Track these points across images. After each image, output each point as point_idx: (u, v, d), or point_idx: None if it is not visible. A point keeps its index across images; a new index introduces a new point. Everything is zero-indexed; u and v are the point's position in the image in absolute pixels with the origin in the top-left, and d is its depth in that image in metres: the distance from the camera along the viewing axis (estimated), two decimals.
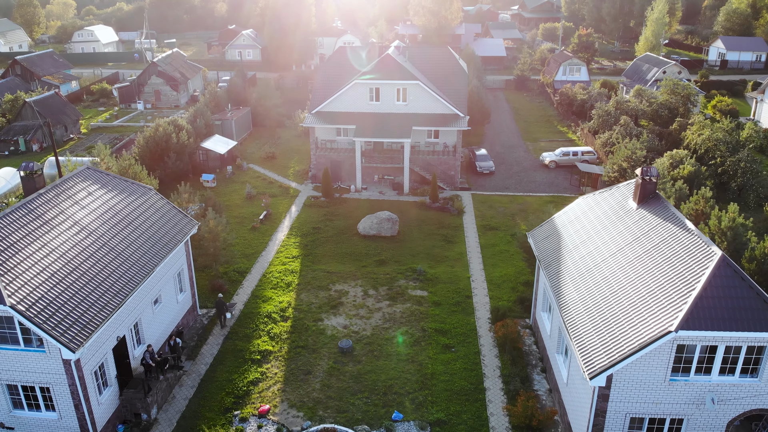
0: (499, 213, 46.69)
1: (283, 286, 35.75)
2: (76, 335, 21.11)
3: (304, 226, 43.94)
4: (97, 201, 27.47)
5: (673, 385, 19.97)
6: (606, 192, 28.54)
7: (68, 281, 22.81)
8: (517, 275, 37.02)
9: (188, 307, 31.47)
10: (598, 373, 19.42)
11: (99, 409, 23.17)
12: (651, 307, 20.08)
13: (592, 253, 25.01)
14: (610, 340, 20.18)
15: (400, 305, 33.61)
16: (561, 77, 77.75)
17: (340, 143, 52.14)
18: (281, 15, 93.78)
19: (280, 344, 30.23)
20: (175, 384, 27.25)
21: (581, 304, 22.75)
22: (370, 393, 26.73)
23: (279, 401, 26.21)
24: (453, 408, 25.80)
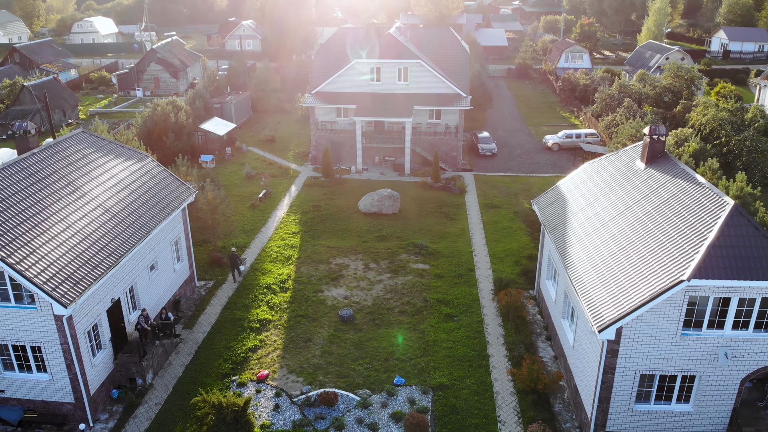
0: (501, 192, 46.06)
1: (283, 259, 35.11)
2: (68, 291, 20.49)
3: (304, 205, 43.32)
4: (92, 163, 26.87)
5: (685, 340, 19.32)
6: (612, 155, 27.92)
7: (61, 238, 22.19)
8: (520, 250, 36.39)
9: (186, 277, 30.84)
10: (607, 325, 18.77)
11: (92, 371, 22.53)
12: (661, 259, 19.45)
13: (599, 213, 24.39)
14: (619, 294, 19.54)
15: (402, 277, 32.97)
16: (563, 64, 77.14)
17: (340, 124, 51.52)
18: (282, 5, 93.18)
19: (279, 313, 29.60)
20: (172, 351, 26.61)
21: (588, 262, 22.12)
22: (371, 359, 26.09)
23: (278, 367, 25.57)
24: (456, 373, 25.16)
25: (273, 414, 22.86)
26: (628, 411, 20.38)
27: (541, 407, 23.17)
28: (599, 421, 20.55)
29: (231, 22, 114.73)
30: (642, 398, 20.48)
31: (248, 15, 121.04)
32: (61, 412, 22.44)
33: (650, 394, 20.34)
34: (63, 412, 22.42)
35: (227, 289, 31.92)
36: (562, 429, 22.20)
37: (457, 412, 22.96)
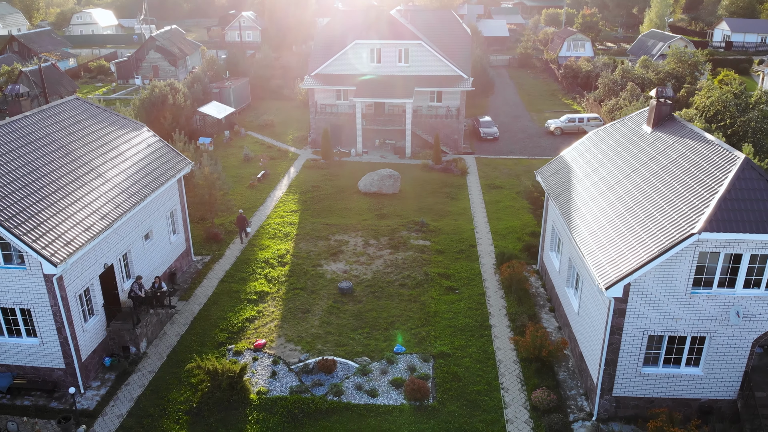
0: (503, 174, 45.43)
1: (281, 236, 34.50)
2: (58, 250, 19.88)
3: (303, 185, 42.70)
4: (85, 129, 26.27)
5: (695, 299, 18.68)
6: (617, 122, 27.30)
7: (52, 199, 21.59)
8: (522, 227, 35.75)
9: (182, 250, 30.23)
10: (615, 282, 18.14)
11: (84, 337, 21.92)
12: (670, 215, 18.83)
13: (605, 178, 23.77)
14: (627, 251, 18.92)
15: (402, 253, 32.34)
16: (565, 53, 76.54)
17: (340, 107, 50.90)
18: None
19: (277, 286, 28.98)
20: (167, 321, 26.00)
21: (594, 224, 21.50)
22: (370, 329, 25.47)
23: (275, 336, 24.95)
24: (457, 342, 24.54)
25: (270, 381, 22.23)
26: (635, 375, 19.74)
27: (545, 375, 22.54)
28: (606, 386, 19.91)
29: (231, 15, 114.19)
30: (650, 361, 19.85)
31: (249, 8, 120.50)
32: (51, 378, 21.83)
33: (659, 357, 19.70)
34: (53, 378, 21.81)
35: (224, 263, 31.31)
36: (567, 396, 21.57)
37: (458, 379, 22.34)
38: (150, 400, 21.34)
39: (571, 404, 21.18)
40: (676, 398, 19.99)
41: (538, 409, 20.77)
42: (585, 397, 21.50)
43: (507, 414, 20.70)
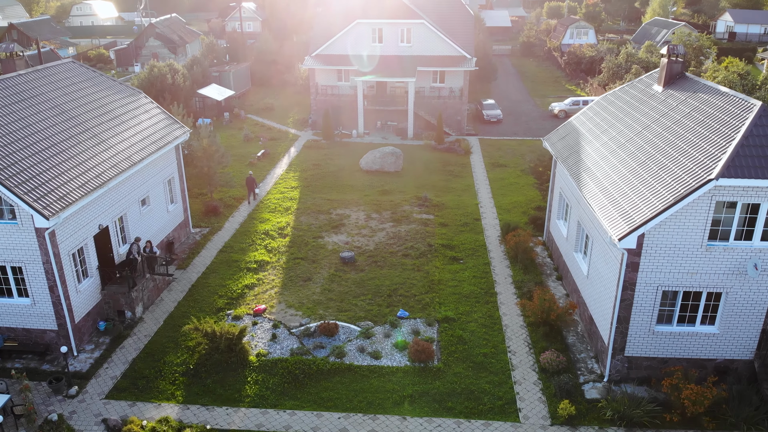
0: (507, 153, 44.74)
1: (282, 210, 33.81)
2: (51, 203, 19.20)
3: (304, 164, 42.03)
4: (81, 91, 25.62)
5: (711, 252, 17.97)
6: (626, 85, 26.61)
7: (45, 155, 20.91)
8: (528, 202, 35.05)
9: (180, 221, 29.54)
10: (628, 233, 17.43)
11: (77, 298, 21.22)
12: (685, 165, 18.12)
13: (615, 137, 23.07)
14: (640, 203, 18.21)
15: (405, 226, 31.64)
16: (568, 41, 75.86)
17: (341, 89, 50.21)
18: None
19: (278, 256, 28.29)
20: (164, 288, 25.31)
21: (606, 181, 20.79)
22: (373, 296, 24.77)
23: (276, 303, 24.25)
24: (462, 308, 23.83)
25: (269, 344, 21.53)
26: (648, 333, 19.02)
27: (554, 339, 21.83)
28: (617, 345, 19.19)
29: (231, 7, 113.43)
30: (664, 320, 19.13)
31: None
32: (43, 340, 21.13)
33: (673, 315, 18.98)
34: (45, 340, 21.11)
35: (223, 235, 30.62)
36: (577, 359, 20.86)
37: (464, 342, 21.63)
38: (145, 363, 20.64)
39: (581, 367, 20.46)
40: (691, 358, 19.26)
41: (546, 371, 20.06)
42: (595, 359, 20.78)
43: (515, 375, 19.99)
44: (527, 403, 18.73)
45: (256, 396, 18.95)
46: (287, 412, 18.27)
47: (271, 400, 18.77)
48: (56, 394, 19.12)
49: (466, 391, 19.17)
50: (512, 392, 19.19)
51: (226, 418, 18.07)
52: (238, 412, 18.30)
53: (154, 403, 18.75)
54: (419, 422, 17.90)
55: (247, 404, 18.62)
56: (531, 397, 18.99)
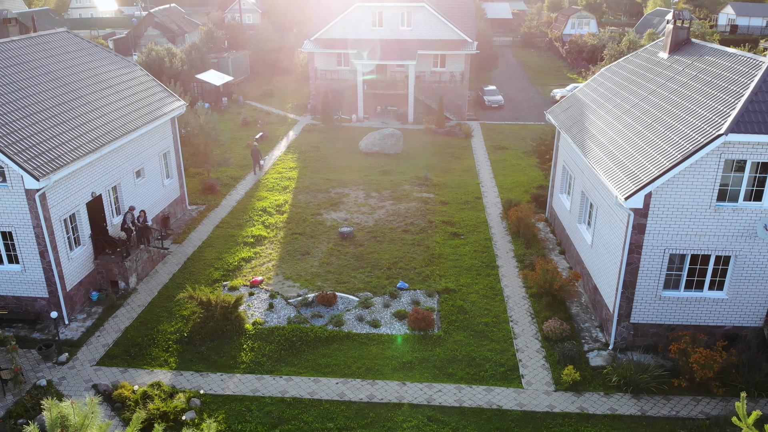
0: (509, 137, 44.25)
1: (280, 189, 33.31)
2: (41, 165, 18.70)
3: (302, 146, 41.53)
4: (75, 60, 25.13)
5: (720, 212, 17.45)
6: (631, 55, 26.10)
7: (37, 119, 20.41)
8: (529, 182, 34.55)
9: (176, 196, 29.03)
10: (635, 191, 16.91)
11: (69, 265, 20.72)
12: (693, 124, 17.61)
13: (620, 104, 22.57)
14: (647, 162, 17.71)
15: (405, 204, 31.13)
16: (569, 31, 75.34)
17: (341, 73, 49.71)
18: None
19: (275, 231, 27.78)
20: (159, 261, 24.81)
21: (611, 145, 20.28)
22: (372, 268, 24.26)
23: (273, 275, 23.75)
24: (463, 280, 23.33)
25: (266, 313, 21.02)
26: (655, 298, 18.50)
27: (557, 309, 21.31)
28: (623, 311, 18.67)
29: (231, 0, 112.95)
30: (671, 285, 18.62)
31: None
32: (33, 309, 20.62)
33: (680, 280, 18.47)
34: (36, 308, 20.60)
35: (220, 211, 30.12)
36: (581, 328, 20.35)
37: (464, 312, 21.12)
38: (138, 331, 20.13)
39: (586, 336, 19.95)
40: (699, 325, 18.74)
41: (550, 339, 19.55)
42: (600, 328, 20.27)
43: (517, 344, 19.48)
44: (530, 370, 18.22)
45: (251, 362, 18.44)
46: (283, 378, 17.77)
47: (267, 367, 18.26)
48: (46, 361, 18.62)
49: (467, 358, 18.66)
50: (514, 359, 18.68)
51: (220, 384, 17.56)
52: (233, 378, 17.80)
53: (147, 370, 18.24)
54: (419, 387, 17.40)
55: (242, 370, 18.12)
56: (534, 364, 18.48)
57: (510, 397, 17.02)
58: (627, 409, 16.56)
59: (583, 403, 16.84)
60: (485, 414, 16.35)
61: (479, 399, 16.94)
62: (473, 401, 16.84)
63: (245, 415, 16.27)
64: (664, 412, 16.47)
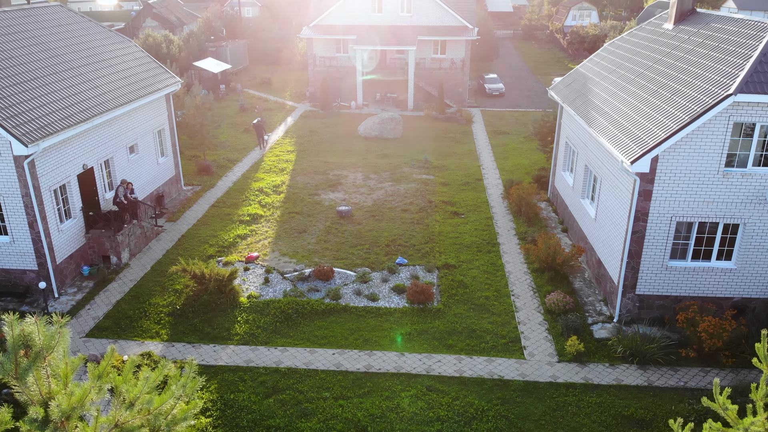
0: (510, 123, 43.72)
1: (277, 170, 32.78)
2: (30, 131, 18.17)
3: (300, 131, 41.00)
4: (68, 32, 24.60)
5: (728, 178, 16.92)
6: (634, 29, 25.57)
7: (27, 87, 19.88)
8: (531, 165, 34.02)
9: (171, 176, 28.49)
10: (641, 155, 16.38)
11: (59, 237, 20.19)
12: (701, 86, 17.08)
13: (625, 75, 22.04)
14: (653, 127, 17.18)
15: (404, 185, 30.60)
16: (570, 22, 74.81)
17: (340, 60, 49.16)
18: None
19: (272, 210, 27.25)
20: (152, 237, 24.28)
21: (615, 114, 19.75)
22: (371, 246, 23.73)
23: (269, 251, 23.21)
24: (463, 257, 22.79)
25: (262, 287, 20.49)
26: (661, 269, 17.96)
27: (559, 283, 20.77)
28: (629, 282, 18.12)
29: None
30: (678, 255, 18.08)
31: None
32: (22, 282, 20.07)
33: (687, 250, 17.93)
34: (25, 281, 20.05)
35: (216, 192, 29.58)
36: (585, 302, 19.81)
37: (464, 286, 20.59)
38: (130, 304, 19.60)
39: (589, 309, 19.42)
40: (706, 297, 18.20)
41: (552, 312, 19.01)
42: (604, 302, 19.73)
43: (518, 316, 18.94)
44: (532, 342, 17.68)
45: (245, 334, 17.91)
46: (278, 349, 17.24)
47: (261, 338, 17.73)
48: None
49: (468, 330, 18.13)
50: (516, 332, 18.14)
51: (212, 355, 17.03)
52: (226, 349, 17.26)
53: (137, 341, 17.71)
54: (418, 358, 16.87)
55: (235, 342, 17.58)
56: (536, 336, 17.94)
57: (512, 368, 16.49)
58: (633, 380, 16.02)
59: (587, 373, 16.30)
60: (486, 384, 15.82)
61: (480, 369, 16.40)
62: (474, 371, 16.31)
63: (238, 385, 15.74)
64: (672, 383, 15.94)
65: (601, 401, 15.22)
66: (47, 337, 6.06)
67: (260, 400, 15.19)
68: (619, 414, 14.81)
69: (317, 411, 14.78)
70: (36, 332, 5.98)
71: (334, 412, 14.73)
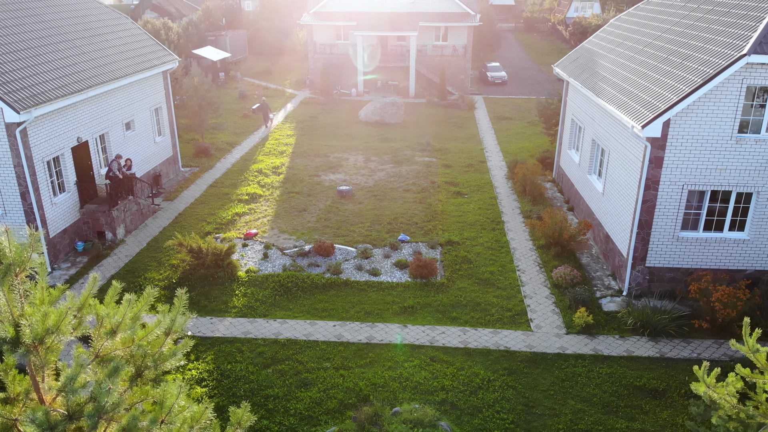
0: (513, 109, 43.19)
1: (277, 153, 32.25)
2: (23, 99, 17.64)
3: (300, 116, 40.47)
4: (64, 6, 24.06)
5: (741, 144, 16.39)
6: (641, 4, 25.03)
7: (21, 56, 19.35)
8: (535, 148, 33.47)
9: (168, 156, 27.97)
10: (653, 118, 15.84)
11: (52, 211, 19.66)
12: (712, 50, 16.53)
13: (633, 46, 21.50)
14: (663, 91, 16.64)
15: (406, 167, 30.06)
16: (573, 14, 74.24)
17: (340, 47, 48.64)
18: None
19: (271, 190, 26.72)
20: (149, 215, 23.76)
21: (624, 83, 19.21)
22: (372, 223, 23.19)
23: (268, 228, 22.68)
24: (467, 234, 22.25)
25: (261, 262, 19.93)
26: (672, 239, 17.42)
27: (566, 259, 20.22)
28: (638, 254, 17.58)
29: None
30: (689, 226, 17.54)
31: None
32: None
33: (699, 219, 17.38)
34: None
35: (214, 173, 29.06)
36: (593, 276, 19.27)
37: (468, 262, 20.05)
38: (124, 279, 19.05)
39: (598, 284, 18.88)
40: (718, 269, 17.64)
41: (559, 287, 18.46)
42: (612, 277, 19.19)
43: (524, 290, 18.40)
44: (539, 315, 17.14)
45: (244, 307, 17.38)
46: (278, 321, 16.70)
47: (260, 311, 17.19)
48: None
49: (472, 303, 17.59)
50: (522, 305, 17.60)
51: (209, 327, 16.49)
52: (224, 321, 16.73)
53: None
54: (421, 329, 16.33)
55: (233, 314, 17.05)
56: (543, 310, 17.41)
57: (518, 339, 15.95)
58: (644, 351, 15.48)
59: (597, 345, 15.76)
60: (492, 355, 15.28)
61: (485, 341, 15.87)
62: (479, 343, 15.77)
63: (235, 356, 15.20)
64: (685, 354, 15.39)
65: (612, 372, 14.68)
66: (19, 250, 5.52)
67: (258, 370, 14.66)
68: (630, 384, 14.27)
69: (317, 381, 14.24)
70: (6, 242, 5.44)
71: (334, 381, 14.20)
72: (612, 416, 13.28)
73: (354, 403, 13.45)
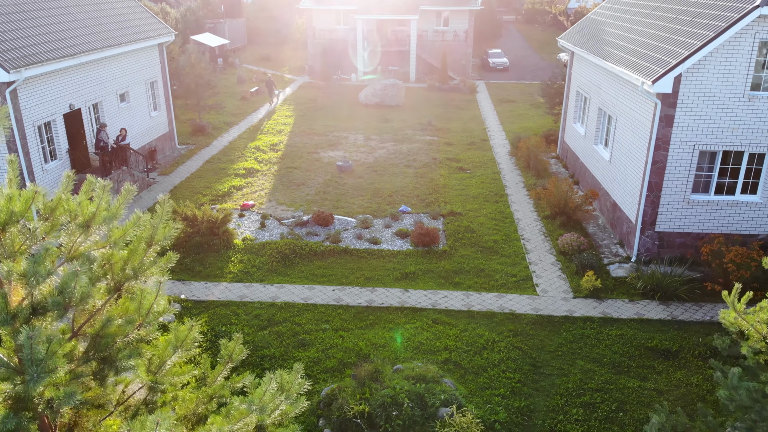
0: (515, 93, 42.63)
1: (275, 132, 31.69)
2: (13, 58, 17.09)
3: (300, 99, 39.92)
4: None
5: (754, 102, 15.82)
6: None
7: (13, 18, 18.79)
8: (538, 128, 32.87)
9: (164, 132, 27.42)
10: (663, 73, 15.27)
11: (43, 177, 19.11)
12: (723, 5, 15.96)
13: (639, 11, 20.94)
14: (674, 47, 16.08)
15: (407, 145, 29.49)
16: (574, 5, 73.64)
17: (339, 33, 48.07)
18: None
19: (269, 165, 26.17)
20: (144, 188, 23.21)
21: (632, 45, 18.65)
22: (372, 196, 22.63)
23: (266, 201, 22.11)
24: (469, 206, 21.69)
25: (258, 231, 19.38)
26: (683, 202, 16.85)
27: (572, 228, 19.65)
28: (648, 218, 17.02)
29: None
30: (700, 189, 16.98)
31: None
32: None
33: (710, 182, 16.82)
34: None
35: (211, 150, 28.49)
36: (600, 244, 18.70)
37: (472, 231, 19.49)
38: None
39: (605, 251, 18.31)
40: (730, 234, 17.07)
41: (566, 254, 17.91)
42: (620, 245, 18.62)
43: (529, 257, 17.84)
44: (545, 280, 16.58)
45: (240, 272, 16.81)
46: (275, 285, 16.14)
47: (257, 276, 16.62)
48: None
49: (476, 269, 17.03)
50: (527, 271, 17.05)
51: (204, 291, 15.92)
52: (219, 286, 16.16)
53: None
54: (423, 293, 15.77)
55: (229, 279, 16.49)
56: (549, 275, 16.84)
57: (524, 303, 15.39)
58: (655, 315, 14.92)
59: (605, 308, 15.20)
60: (497, 317, 14.72)
61: (490, 304, 15.31)
62: (483, 306, 15.21)
63: (231, 318, 14.64)
64: (698, 317, 14.83)
65: (622, 333, 14.12)
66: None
67: (254, 332, 14.09)
68: (642, 345, 13.70)
69: (315, 342, 13.68)
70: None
71: (333, 342, 13.64)
72: (623, 376, 12.72)
73: (354, 362, 12.89)
